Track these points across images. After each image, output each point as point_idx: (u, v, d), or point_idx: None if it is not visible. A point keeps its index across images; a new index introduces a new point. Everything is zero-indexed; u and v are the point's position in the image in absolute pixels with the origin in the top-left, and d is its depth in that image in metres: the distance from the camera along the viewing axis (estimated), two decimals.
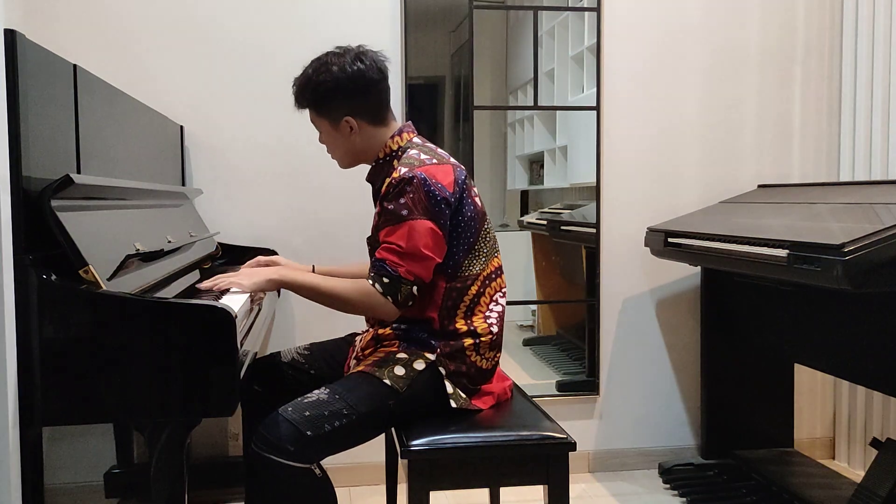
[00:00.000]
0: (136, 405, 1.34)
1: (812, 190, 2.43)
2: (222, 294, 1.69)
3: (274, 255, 2.18)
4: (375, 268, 1.62)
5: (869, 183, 2.28)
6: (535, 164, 2.82)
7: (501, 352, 1.78)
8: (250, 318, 1.74)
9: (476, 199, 1.74)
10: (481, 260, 1.72)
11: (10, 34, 1.28)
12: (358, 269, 2.01)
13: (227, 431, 2.60)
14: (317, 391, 1.61)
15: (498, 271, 1.77)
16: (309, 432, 1.52)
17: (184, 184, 2.49)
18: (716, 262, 2.23)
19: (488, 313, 1.73)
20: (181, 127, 2.48)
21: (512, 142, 2.79)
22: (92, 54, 2.43)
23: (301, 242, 2.62)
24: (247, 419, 1.90)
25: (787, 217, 2.16)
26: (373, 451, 2.19)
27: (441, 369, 1.66)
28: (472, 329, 1.69)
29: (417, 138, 1.79)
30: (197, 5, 2.51)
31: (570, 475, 1.65)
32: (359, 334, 1.91)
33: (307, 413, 1.54)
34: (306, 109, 1.78)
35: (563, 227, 2.82)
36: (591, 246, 2.79)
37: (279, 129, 2.57)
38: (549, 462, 1.59)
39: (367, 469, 2.65)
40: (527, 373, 2.82)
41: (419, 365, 1.65)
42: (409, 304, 1.63)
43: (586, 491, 2.65)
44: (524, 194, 2.83)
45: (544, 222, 2.83)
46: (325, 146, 1.82)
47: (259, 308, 1.88)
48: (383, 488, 2.60)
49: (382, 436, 2.23)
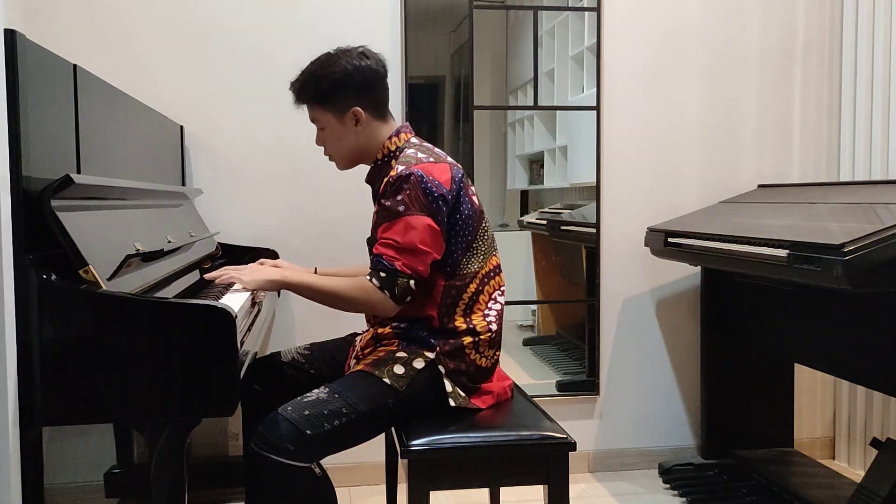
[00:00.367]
0: (136, 405, 1.34)
1: (812, 190, 2.43)
2: (223, 293, 1.69)
3: (276, 260, 2.18)
4: (373, 263, 1.63)
5: (869, 183, 2.28)
6: (535, 164, 2.82)
7: (501, 350, 1.78)
8: (250, 317, 1.74)
9: (473, 197, 1.75)
10: (479, 258, 1.73)
11: (10, 34, 1.28)
12: (359, 271, 2.01)
13: (227, 431, 2.60)
14: (316, 390, 1.61)
15: (496, 269, 1.77)
16: (309, 431, 1.52)
17: (184, 184, 2.49)
18: (716, 262, 2.23)
19: (487, 311, 1.73)
20: (181, 127, 2.48)
21: (512, 142, 2.79)
22: (92, 54, 2.43)
23: (301, 243, 2.62)
24: (247, 419, 1.90)
25: (787, 217, 2.16)
26: (373, 450, 2.19)
27: (441, 368, 1.66)
28: (472, 327, 1.70)
29: (415, 138, 1.80)
30: (197, 5, 2.51)
31: (570, 475, 1.65)
32: (359, 334, 1.91)
33: (307, 412, 1.54)
34: (306, 106, 1.78)
35: (563, 227, 2.82)
36: (591, 246, 2.79)
37: (279, 129, 2.57)
38: (549, 462, 1.59)
39: (367, 469, 2.65)
40: (527, 373, 2.82)
41: (419, 363, 1.65)
42: (407, 299, 1.63)
43: (586, 491, 2.65)
44: (524, 194, 2.83)
45: (544, 222, 2.83)
46: (325, 145, 1.81)
47: (259, 308, 1.89)
48: (383, 488, 2.60)
49: (382, 435, 2.23)
